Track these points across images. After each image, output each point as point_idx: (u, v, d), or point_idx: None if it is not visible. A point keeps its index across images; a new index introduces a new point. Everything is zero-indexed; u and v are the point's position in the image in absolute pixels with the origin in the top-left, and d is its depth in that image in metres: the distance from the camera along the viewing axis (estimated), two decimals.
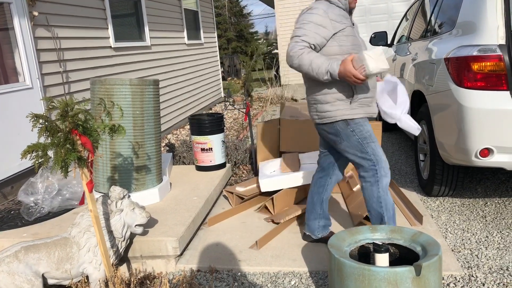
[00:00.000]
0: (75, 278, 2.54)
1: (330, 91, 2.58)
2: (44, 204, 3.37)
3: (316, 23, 2.48)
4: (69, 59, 4.93)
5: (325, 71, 2.43)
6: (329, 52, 2.54)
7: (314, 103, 2.68)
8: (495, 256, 2.79)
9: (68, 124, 2.17)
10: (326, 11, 2.50)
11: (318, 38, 2.49)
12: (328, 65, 2.43)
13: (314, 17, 2.49)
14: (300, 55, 2.44)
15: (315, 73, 2.46)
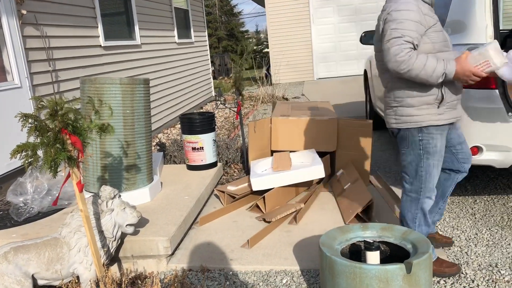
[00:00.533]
0: (65, 279, 2.52)
1: (418, 93, 2.40)
2: (33, 204, 3.34)
3: (413, 20, 2.29)
4: (59, 58, 4.89)
5: (441, 73, 2.27)
6: (421, 50, 2.36)
7: (395, 106, 2.49)
8: (484, 253, 2.82)
9: (58, 123, 2.15)
10: (419, 6, 2.32)
11: (418, 37, 2.31)
12: (444, 67, 2.26)
13: (409, 14, 2.30)
14: (409, 60, 2.25)
15: (428, 76, 2.28)
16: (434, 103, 2.39)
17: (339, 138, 4.16)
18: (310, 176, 3.64)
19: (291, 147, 4.27)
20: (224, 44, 28.01)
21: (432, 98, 2.39)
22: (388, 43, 2.32)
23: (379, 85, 5.37)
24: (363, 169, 4.09)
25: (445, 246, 2.90)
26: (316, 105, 5.12)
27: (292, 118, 4.26)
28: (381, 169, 4.67)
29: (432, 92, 2.38)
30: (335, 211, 3.54)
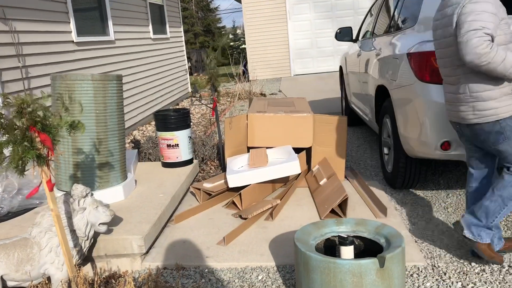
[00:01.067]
0: (35, 280, 2.46)
1: (497, 86, 2.36)
2: (2, 203, 3.25)
3: (490, 12, 2.24)
4: (29, 54, 4.77)
5: None
6: (496, 42, 2.30)
7: (472, 101, 2.42)
8: (456, 246, 2.87)
9: (26, 121, 2.09)
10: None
11: (495, 30, 2.25)
12: None
13: (486, 6, 2.25)
14: (490, 52, 2.19)
15: (505, 70, 2.25)
16: (511, 93, 2.39)
17: (314, 134, 4.18)
18: (286, 172, 3.64)
19: (268, 143, 4.27)
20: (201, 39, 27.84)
21: (510, 89, 2.38)
22: (466, 35, 2.24)
23: (355, 82, 5.41)
24: (338, 164, 4.12)
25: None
26: (293, 101, 5.12)
27: (269, 114, 4.26)
28: (356, 164, 4.71)
29: (507, 83, 2.37)
30: (311, 207, 3.56)
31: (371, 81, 4.37)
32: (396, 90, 3.53)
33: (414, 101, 3.23)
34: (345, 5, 12.79)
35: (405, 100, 3.37)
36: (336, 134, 4.15)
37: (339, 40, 5.94)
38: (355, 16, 12.72)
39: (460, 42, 2.28)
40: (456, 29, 2.35)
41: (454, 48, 2.41)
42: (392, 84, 3.61)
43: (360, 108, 5.24)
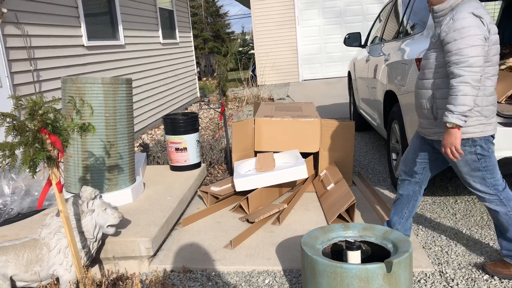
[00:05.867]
0: (44, 281, 2.48)
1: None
2: (13, 205, 3.29)
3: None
4: (40, 58, 4.83)
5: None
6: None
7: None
8: (464, 253, 2.85)
9: (37, 123, 2.12)
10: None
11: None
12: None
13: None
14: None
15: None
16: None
17: (322, 139, 4.19)
18: (293, 176, 3.65)
19: (275, 147, 4.27)
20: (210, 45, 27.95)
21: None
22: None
23: (363, 87, 5.42)
24: (346, 169, 4.12)
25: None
26: (300, 106, 5.13)
27: (276, 119, 4.27)
28: (364, 170, 4.70)
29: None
30: (318, 212, 3.55)
31: (380, 86, 4.37)
32: (405, 96, 3.53)
33: None
34: (354, 11, 12.80)
35: (414, 105, 3.36)
36: (343, 139, 4.14)
37: (348, 45, 5.95)
38: (364, 22, 12.73)
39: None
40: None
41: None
42: (401, 90, 3.61)
43: (368, 113, 5.24)
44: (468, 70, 2.21)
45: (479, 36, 2.22)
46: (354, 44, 5.93)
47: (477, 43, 2.21)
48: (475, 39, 2.21)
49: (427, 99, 2.50)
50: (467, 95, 2.21)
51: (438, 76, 2.43)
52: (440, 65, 2.40)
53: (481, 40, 2.22)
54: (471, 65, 2.20)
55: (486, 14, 2.28)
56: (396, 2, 4.91)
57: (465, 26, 2.23)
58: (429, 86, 2.48)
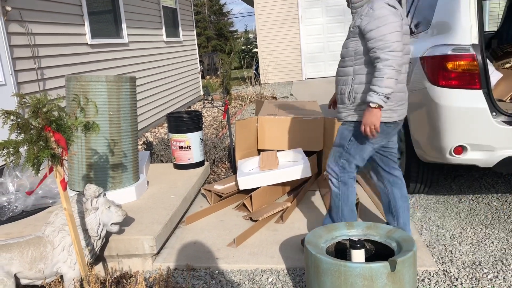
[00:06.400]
0: (48, 278, 2.49)
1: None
2: (17, 203, 3.30)
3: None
4: (44, 56, 4.83)
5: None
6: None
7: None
8: (468, 252, 2.84)
9: (41, 120, 2.13)
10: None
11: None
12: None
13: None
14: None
15: None
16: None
17: (325, 137, 4.18)
18: (296, 175, 3.64)
19: (278, 146, 4.27)
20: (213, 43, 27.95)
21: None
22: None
23: None
24: None
25: None
26: (303, 104, 5.13)
27: (279, 117, 4.26)
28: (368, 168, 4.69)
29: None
30: (322, 210, 3.55)
31: None
32: (409, 94, 3.52)
33: (427, 105, 3.22)
34: None
35: (418, 104, 3.35)
36: None
37: None
38: None
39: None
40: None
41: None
42: None
43: None
44: (392, 54, 2.34)
45: (398, 23, 2.38)
46: None
47: (396, 29, 2.37)
48: (395, 26, 2.37)
49: (346, 85, 2.63)
50: (391, 78, 2.34)
51: (357, 63, 2.55)
52: (359, 52, 2.52)
53: (399, 27, 2.39)
54: (395, 49, 2.34)
55: (399, 6, 2.47)
56: (400, 1, 4.89)
57: (385, 14, 2.38)
58: (349, 73, 2.60)
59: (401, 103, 2.59)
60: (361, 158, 2.68)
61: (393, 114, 2.57)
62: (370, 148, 2.65)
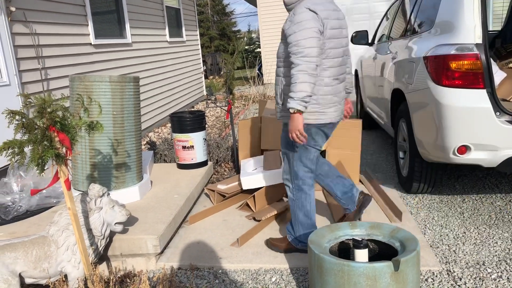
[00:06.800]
0: (53, 277, 2.50)
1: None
2: (21, 202, 3.31)
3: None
4: (48, 56, 4.85)
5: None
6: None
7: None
8: (472, 251, 2.84)
9: (46, 120, 2.14)
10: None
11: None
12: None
13: None
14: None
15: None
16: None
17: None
18: None
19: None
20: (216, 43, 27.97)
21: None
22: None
23: (370, 85, 5.40)
24: (353, 168, 4.11)
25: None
26: None
27: None
28: (371, 168, 4.69)
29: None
30: (325, 210, 3.55)
31: (387, 84, 4.35)
32: (412, 94, 3.51)
33: (430, 105, 3.21)
34: (360, 9, 12.75)
35: (421, 103, 3.35)
36: (350, 137, 4.13)
37: (355, 43, 5.92)
38: (371, 20, 12.68)
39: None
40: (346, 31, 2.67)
41: (347, 48, 2.69)
42: (408, 88, 3.59)
43: (375, 111, 5.22)
44: (304, 60, 2.38)
45: (314, 29, 2.41)
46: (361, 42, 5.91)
47: (312, 35, 2.40)
48: (311, 32, 2.40)
49: (278, 85, 2.68)
50: (304, 82, 2.38)
51: (285, 65, 2.60)
52: (286, 55, 2.56)
53: (316, 33, 2.42)
54: (307, 55, 2.38)
55: (323, 10, 2.48)
56: (404, 0, 4.89)
57: (302, 20, 2.42)
58: (280, 74, 2.65)
59: (331, 106, 2.62)
60: (309, 160, 2.71)
61: (321, 117, 2.60)
62: (313, 149, 2.70)
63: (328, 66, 2.56)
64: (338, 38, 2.57)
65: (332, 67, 2.57)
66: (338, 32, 2.57)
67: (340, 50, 2.59)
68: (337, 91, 2.64)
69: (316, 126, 2.62)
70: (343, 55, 2.63)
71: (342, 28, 2.62)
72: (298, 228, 2.79)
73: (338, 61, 2.60)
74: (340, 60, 2.61)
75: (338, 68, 2.61)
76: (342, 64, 2.64)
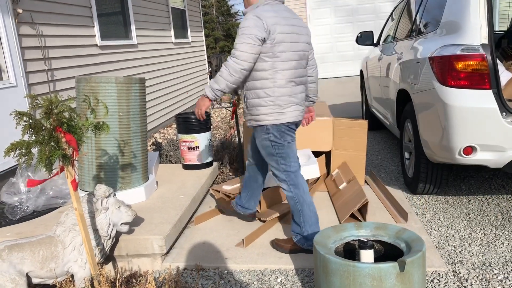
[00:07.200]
0: (59, 277, 2.52)
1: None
2: (28, 203, 3.34)
3: None
4: (54, 57, 4.88)
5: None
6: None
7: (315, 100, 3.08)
8: (478, 252, 2.83)
9: (53, 121, 2.15)
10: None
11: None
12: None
13: None
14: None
15: None
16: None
17: (334, 138, 4.17)
18: (305, 175, 3.64)
19: None
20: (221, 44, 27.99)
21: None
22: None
23: (375, 86, 5.39)
24: (358, 169, 4.11)
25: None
26: None
27: None
28: (376, 169, 4.68)
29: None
30: (330, 211, 3.55)
31: (392, 85, 4.35)
32: (418, 94, 3.51)
33: (436, 106, 3.21)
34: (366, 10, 12.73)
35: (427, 104, 3.34)
36: (356, 138, 4.13)
37: (360, 44, 5.92)
38: (376, 21, 12.65)
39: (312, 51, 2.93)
40: (308, 38, 2.83)
41: (307, 53, 2.81)
42: (414, 88, 3.59)
43: (380, 112, 5.22)
44: (233, 60, 2.55)
45: (251, 36, 2.53)
46: (366, 43, 5.91)
47: (247, 41, 2.53)
48: (247, 38, 2.53)
49: (243, 89, 2.82)
50: (222, 78, 2.58)
51: None
52: None
53: (252, 40, 2.53)
54: (237, 57, 2.54)
55: (272, 17, 2.60)
56: (409, 1, 4.88)
57: (245, 26, 2.57)
58: (245, 78, 2.77)
59: (289, 107, 2.71)
60: (292, 153, 2.82)
61: (280, 117, 2.70)
62: (287, 144, 2.80)
63: (281, 69, 2.66)
64: (290, 42, 2.66)
65: (285, 69, 2.67)
66: (289, 37, 2.66)
67: (293, 54, 2.68)
68: (293, 93, 2.73)
69: (277, 126, 2.72)
70: (298, 59, 2.72)
71: (299, 34, 2.72)
72: (304, 226, 2.82)
73: (292, 64, 2.69)
74: (295, 63, 2.70)
75: (293, 71, 2.70)
76: (298, 68, 2.73)
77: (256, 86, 2.68)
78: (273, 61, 2.63)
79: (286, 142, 2.77)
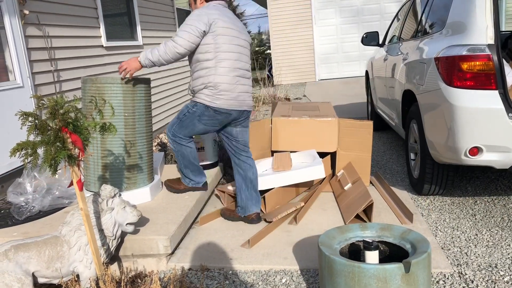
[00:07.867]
0: (65, 277, 2.53)
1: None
2: (34, 203, 3.36)
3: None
4: (61, 58, 4.91)
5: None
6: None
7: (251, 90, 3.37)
8: (484, 254, 2.82)
9: (58, 122, 2.16)
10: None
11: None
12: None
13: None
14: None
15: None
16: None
17: (339, 138, 4.17)
18: (310, 176, 3.64)
19: (292, 147, 4.27)
20: None
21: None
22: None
23: (381, 86, 5.38)
24: (363, 169, 4.10)
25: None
26: (317, 105, 5.12)
27: (293, 118, 4.27)
28: (382, 170, 4.67)
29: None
30: (335, 212, 3.54)
31: (398, 85, 4.33)
32: (423, 95, 3.50)
33: (441, 106, 3.19)
34: (371, 10, 12.70)
35: (433, 105, 3.33)
36: (361, 138, 4.12)
37: (365, 44, 5.91)
38: (382, 21, 12.62)
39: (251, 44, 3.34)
40: (249, 41, 3.28)
41: (249, 48, 3.28)
42: (419, 89, 3.58)
43: (386, 113, 5.20)
44: (171, 43, 2.99)
45: (192, 27, 2.98)
46: (371, 43, 5.89)
47: (187, 30, 2.98)
48: (188, 27, 2.98)
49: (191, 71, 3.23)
50: (158, 53, 3.02)
51: (190, 56, 3.16)
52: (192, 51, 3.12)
53: (192, 30, 2.97)
54: (175, 41, 2.99)
55: (215, 14, 3.03)
56: (415, 1, 4.86)
57: (190, 18, 3.03)
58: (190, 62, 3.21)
59: (226, 95, 3.07)
60: (190, 130, 3.25)
61: (216, 101, 3.07)
62: (201, 126, 3.21)
63: (222, 58, 3.05)
64: (231, 36, 3.07)
65: (226, 59, 3.06)
66: (230, 31, 3.07)
67: (233, 46, 3.09)
68: (233, 82, 3.09)
69: (210, 108, 3.09)
70: (239, 53, 3.11)
71: (239, 31, 3.15)
72: (186, 171, 3.48)
73: (234, 55, 3.09)
74: (236, 55, 3.10)
75: (234, 61, 3.09)
76: (239, 60, 3.12)
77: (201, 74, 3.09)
78: (215, 52, 3.02)
79: (198, 120, 3.16)
